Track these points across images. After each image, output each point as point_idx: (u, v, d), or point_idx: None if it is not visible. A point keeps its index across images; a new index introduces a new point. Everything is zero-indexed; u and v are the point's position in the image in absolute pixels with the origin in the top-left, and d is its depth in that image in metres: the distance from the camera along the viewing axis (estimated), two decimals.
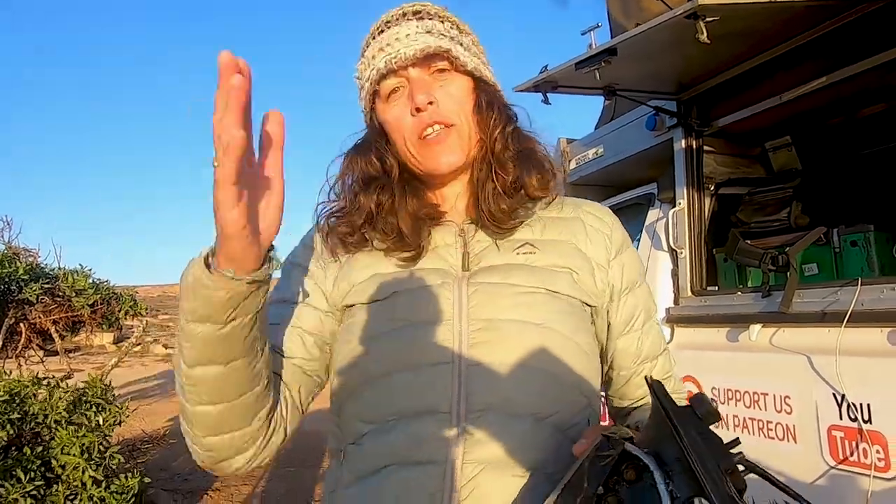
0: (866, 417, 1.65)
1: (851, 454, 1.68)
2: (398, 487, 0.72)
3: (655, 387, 0.54)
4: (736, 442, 0.53)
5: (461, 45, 0.83)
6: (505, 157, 0.84)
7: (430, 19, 0.83)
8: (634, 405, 0.90)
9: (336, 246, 0.85)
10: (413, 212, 0.83)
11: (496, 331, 0.75)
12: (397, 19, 0.83)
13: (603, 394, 0.89)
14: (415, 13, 0.83)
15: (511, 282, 0.79)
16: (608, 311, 0.86)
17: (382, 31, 0.83)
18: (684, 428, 0.50)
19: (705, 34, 1.63)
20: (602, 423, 0.79)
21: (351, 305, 0.82)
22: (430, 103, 0.79)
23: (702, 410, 0.52)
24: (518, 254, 0.82)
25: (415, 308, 0.78)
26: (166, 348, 16.87)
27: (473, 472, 0.70)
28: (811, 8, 1.77)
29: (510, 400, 0.73)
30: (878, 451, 1.62)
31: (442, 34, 0.82)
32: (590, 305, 0.83)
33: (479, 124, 0.84)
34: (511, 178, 0.84)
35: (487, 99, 0.85)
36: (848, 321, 1.71)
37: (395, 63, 0.79)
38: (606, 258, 0.86)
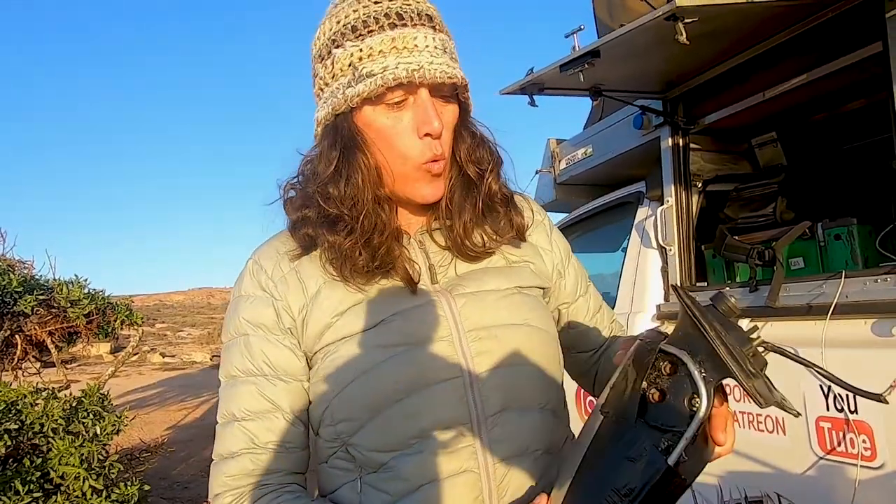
0: (852, 408, 1.68)
1: (839, 444, 1.71)
2: (443, 502, 0.74)
3: (681, 291, 0.61)
4: (754, 328, 0.59)
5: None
6: (496, 200, 0.84)
7: (441, 32, 0.77)
8: (599, 350, 0.97)
9: (341, 276, 0.77)
10: (392, 228, 0.80)
11: (493, 338, 0.79)
12: (412, 19, 0.75)
13: None
14: (428, 18, 0.76)
15: (488, 287, 0.82)
16: (557, 287, 0.93)
17: (395, 26, 0.74)
18: (709, 323, 0.57)
19: (684, 35, 1.65)
20: (633, 335, 0.79)
21: (330, 343, 0.78)
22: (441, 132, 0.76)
23: (722, 307, 0.59)
24: (482, 260, 0.85)
25: (409, 331, 0.77)
26: (163, 357, 16.83)
27: (504, 471, 0.76)
28: (788, 7, 1.80)
29: (519, 397, 0.79)
30: (864, 441, 1.64)
31: (453, 57, 0.77)
32: (543, 288, 0.89)
33: (464, 155, 0.81)
34: (501, 219, 0.84)
35: (479, 132, 0.83)
36: (833, 313, 1.74)
37: (418, 78, 0.72)
38: (548, 240, 0.93)
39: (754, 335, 0.58)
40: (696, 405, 0.56)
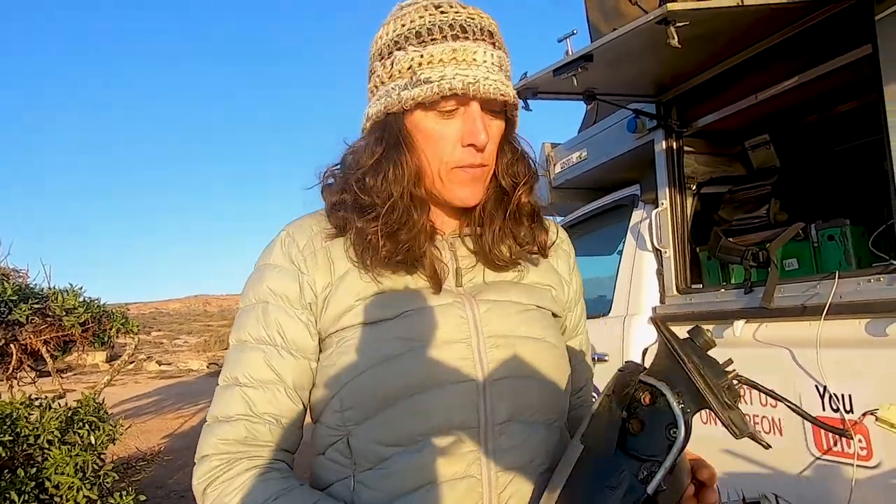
0: (848, 408, 1.68)
1: (835, 444, 1.71)
2: None
3: (660, 324, 0.64)
4: (729, 361, 0.62)
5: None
6: (523, 213, 0.86)
7: (499, 49, 0.79)
8: (574, 397, 0.96)
9: (368, 266, 0.79)
10: (424, 225, 0.81)
11: (510, 347, 0.79)
12: (475, 34, 0.77)
13: None
14: (489, 34, 0.79)
15: (512, 299, 0.84)
16: (566, 320, 0.95)
17: (457, 38, 0.76)
18: (687, 356, 0.60)
19: (676, 39, 1.67)
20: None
21: (347, 327, 0.78)
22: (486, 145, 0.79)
23: (699, 340, 0.62)
24: (508, 270, 0.87)
25: (430, 327, 0.78)
26: (160, 365, 16.76)
27: (506, 481, 0.76)
28: (779, 11, 1.81)
29: (528, 410, 0.79)
30: (860, 441, 1.65)
31: (507, 74, 0.80)
32: (557, 316, 0.91)
33: (502, 167, 0.84)
34: (524, 231, 0.86)
35: (521, 148, 0.85)
36: (827, 314, 1.75)
37: (472, 91, 0.75)
38: (568, 272, 0.95)
39: (729, 368, 0.61)
40: (675, 435, 0.58)
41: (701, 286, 2.43)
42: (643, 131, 2.63)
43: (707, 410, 0.60)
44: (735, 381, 0.61)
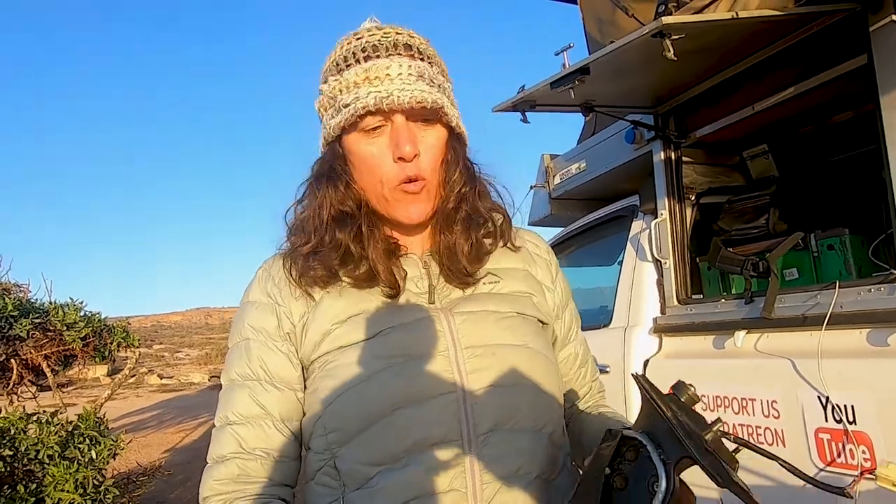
0: (851, 418, 1.67)
1: (839, 455, 1.70)
2: None
3: (641, 379, 0.62)
4: (718, 420, 0.60)
5: (445, 92, 0.82)
6: (455, 218, 0.85)
7: (420, 59, 0.80)
8: (578, 404, 0.97)
9: (308, 287, 0.83)
10: (384, 247, 0.83)
11: (489, 356, 0.79)
12: (388, 50, 0.78)
13: None
14: (406, 47, 0.79)
15: (489, 309, 0.84)
16: (554, 327, 0.94)
17: (370, 58, 0.78)
18: (666, 405, 0.59)
19: (671, 52, 1.68)
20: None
21: (328, 352, 0.80)
22: (416, 155, 0.78)
23: (683, 396, 0.61)
24: (483, 283, 0.87)
25: (408, 343, 0.78)
26: (161, 378, 16.72)
27: (492, 492, 0.76)
28: (773, 23, 1.83)
29: (511, 418, 0.78)
30: (863, 452, 1.64)
31: (433, 81, 0.80)
32: (544, 323, 0.90)
33: (443, 179, 0.84)
34: (459, 238, 0.85)
35: (455, 155, 0.85)
36: (828, 324, 1.74)
37: (387, 105, 0.76)
38: (551, 279, 0.95)
39: (716, 427, 0.59)
40: (657, 488, 0.57)
41: (701, 296, 2.42)
42: (641, 142, 2.64)
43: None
44: (721, 434, 0.58)
